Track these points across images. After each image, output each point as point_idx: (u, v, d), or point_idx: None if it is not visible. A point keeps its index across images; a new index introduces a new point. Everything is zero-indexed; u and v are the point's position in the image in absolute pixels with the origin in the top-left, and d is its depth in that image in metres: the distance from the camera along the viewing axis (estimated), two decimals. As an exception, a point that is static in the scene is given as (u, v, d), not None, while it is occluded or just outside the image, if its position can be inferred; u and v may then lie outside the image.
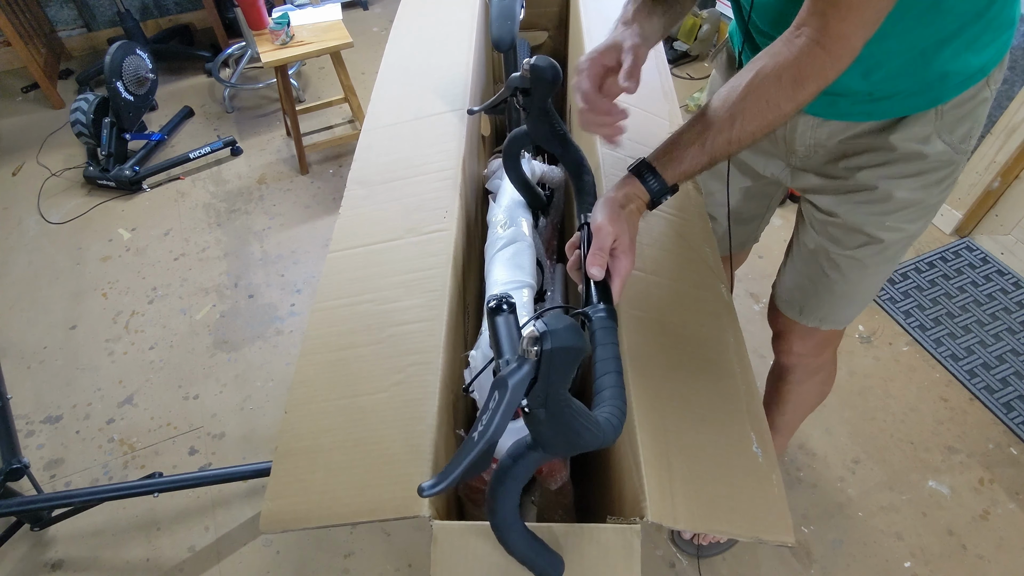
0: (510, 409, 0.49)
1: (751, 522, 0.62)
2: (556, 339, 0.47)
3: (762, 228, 1.29)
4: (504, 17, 1.23)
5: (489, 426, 0.49)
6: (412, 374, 0.72)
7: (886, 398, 1.81)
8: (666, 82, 1.25)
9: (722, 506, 0.63)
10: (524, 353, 0.48)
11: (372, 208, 0.96)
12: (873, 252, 0.95)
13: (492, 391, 0.50)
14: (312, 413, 0.71)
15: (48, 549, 1.60)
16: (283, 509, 0.63)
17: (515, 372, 0.48)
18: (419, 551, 1.55)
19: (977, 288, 2.04)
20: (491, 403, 0.49)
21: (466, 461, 0.49)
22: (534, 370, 0.48)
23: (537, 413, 0.50)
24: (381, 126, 1.13)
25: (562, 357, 0.48)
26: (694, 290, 0.87)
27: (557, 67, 0.82)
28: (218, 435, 1.82)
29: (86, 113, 2.57)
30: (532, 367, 0.48)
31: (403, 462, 0.64)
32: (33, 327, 2.15)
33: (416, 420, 0.67)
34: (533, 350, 0.47)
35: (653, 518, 0.60)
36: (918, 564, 1.50)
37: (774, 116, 0.69)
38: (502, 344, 0.57)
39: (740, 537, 0.61)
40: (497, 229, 1.03)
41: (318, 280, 2.22)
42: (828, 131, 0.90)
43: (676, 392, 0.74)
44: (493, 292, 0.92)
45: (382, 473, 0.64)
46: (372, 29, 3.63)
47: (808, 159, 0.96)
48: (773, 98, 0.67)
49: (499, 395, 0.49)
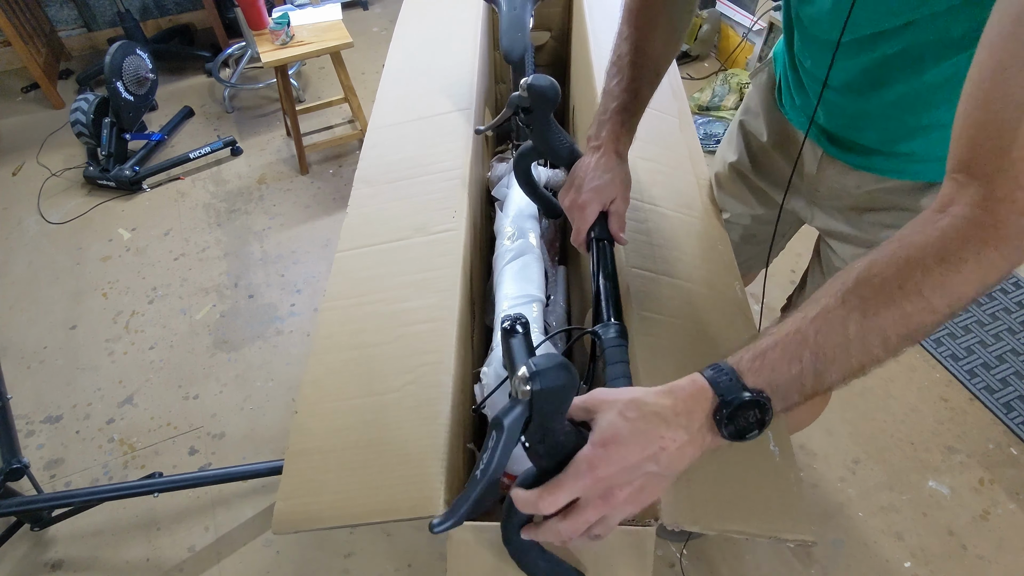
0: (508, 448, 0.50)
1: (769, 521, 0.62)
2: (545, 380, 0.48)
3: (774, 255, 1.28)
4: (515, 28, 1.21)
5: (489, 465, 0.50)
6: (424, 374, 0.72)
7: (886, 398, 1.82)
8: (675, 80, 1.25)
9: (739, 506, 0.63)
10: (517, 393, 0.49)
11: (379, 207, 0.96)
12: None
13: (490, 431, 0.51)
14: (324, 413, 0.71)
15: (48, 549, 1.60)
16: (296, 509, 0.63)
17: (509, 412, 0.50)
18: (419, 551, 1.55)
19: (976, 289, 2.05)
20: (490, 442, 0.51)
21: (471, 498, 0.51)
22: (528, 409, 0.49)
23: (536, 449, 0.51)
24: (386, 125, 1.13)
25: (552, 396, 0.49)
26: (707, 289, 0.87)
27: (556, 86, 0.81)
28: (218, 435, 1.81)
29: (86, 113, 2.57)
30: (526, 407, 0.49)
31: (417, 462, 0.64)
32: (33, 327, 2.14)
33: (429, 420, 0.67)
34: (525, 389, 0.48)
35: (668, 519, 0.60)
36: (918, 564, 1.50)
37: (914, 308, 0.48)
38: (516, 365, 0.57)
39: (759, 537, 0.61)
40: (505, 241, 1.03)
41: (318, 280, 2.23)
42: (857, 180, 0.88)
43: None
44: (503, 307, 0.93)
45: (396, 473, 0.64)
46: (372, 29, 3.63)
47: (830, 200, 0.95)
48: (910, 282, 0.48)
49: (496, 435, 0.50)
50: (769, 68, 1.01)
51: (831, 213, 0.96)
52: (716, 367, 0.52)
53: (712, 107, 2.82)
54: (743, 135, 1.08)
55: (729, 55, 3.07)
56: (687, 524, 0.61)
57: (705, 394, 0.51)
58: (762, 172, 1.07)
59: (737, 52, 3.02)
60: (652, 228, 0.94)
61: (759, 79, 1.04)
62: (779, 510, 0.63)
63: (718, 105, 2.81)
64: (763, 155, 1.05)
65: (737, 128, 1.10)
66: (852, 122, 0.83)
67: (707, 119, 2.79)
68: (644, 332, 0.79)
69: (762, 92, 1.03)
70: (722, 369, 0.51)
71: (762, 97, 1.03)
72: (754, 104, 1.06)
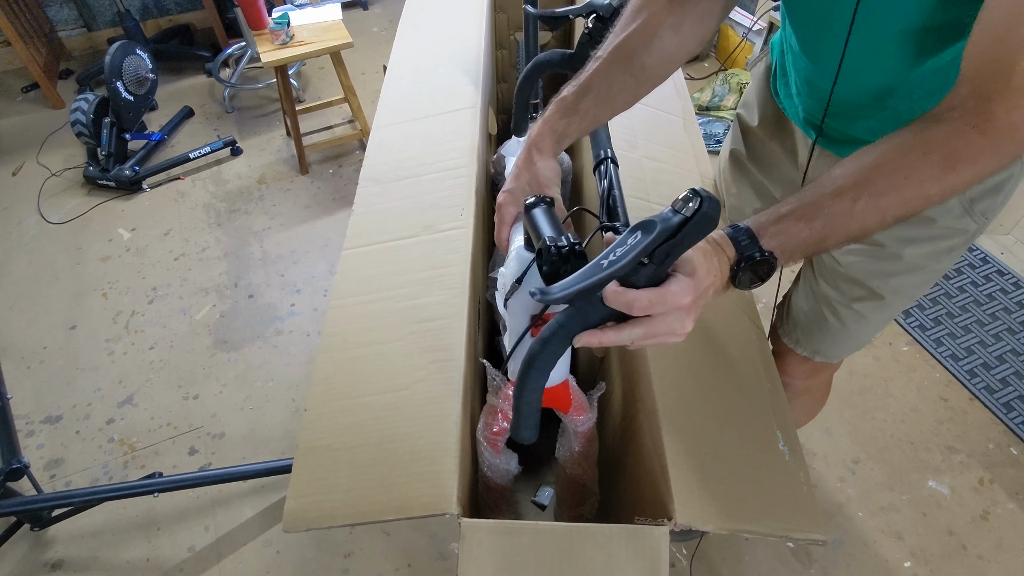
0: (645, 250, 0.51)
1: (780, 521, 0.62)
2: (709, 205, 0.50)
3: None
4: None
5: (622, 258, 0.51)
6: (434, 371, 0.71)
7: (886, 398, 1.82)
8: (678, 80, 1.25)
9: (750, 505, 0.63)
10: (678, 207, 0.51)
11: (386, 205, 0.96)
12: (873, 307, 0.96)
13: (633, 230, 0.53)
14: (333, 411, 0.70)
15: (48, 549, 1.60)
16: (307, 507, 0.63)
17: (668, 219, 0.51)
18: (419, 551, 1.55)
19: (977, 288, 2.06)
20: (630, 239, 0.52)
21: (589, 281, 0.52)
22: (681, 224, 0.50)
23: (645, 270, 0.53)
24: (391, 123, 1.12)
25: (705, 222, 0.51)
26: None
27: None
28: (218, 435, 1.81)
29: (86, 113, 2.56)
30: (682, 221, 0.50)
31: (429, 459, 0.64)
32: (33, 327, 2.13)
33: (441, 417, 0.67)
34: (690, 206, 0.50)
35: (681, 519, 0.60)
36: (918, 564, 1.51)
37: (914, 195, 0.57)
38: (541, 229, 0.61)
39: (770, 536, 0.61)
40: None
41: (318, 280, 2.23)
42: None
43: (700, 392, 0.74)
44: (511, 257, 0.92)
45: (408, 471, 0.64)
46: (372, 29, 3.63)
47: None
48: (915, 173, 0.56)
49: (642, 235, 0.51)
50: (767, 57, 1.02)
51: None
52: (735, 227, 0.60)
53: (712, 107, 2.83)
54: (741, 126, 1.10)
55: (729, 55, 3.08)
56: (697, 524, 0.61)
57: (731, 248, 0.60)
58: (758, 161, 1.08)
59: (737, 52, 3.03)
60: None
61: (757, 69, 1.05)
62: (789, 510, 0.63)
63: (718, 105, 2.82)
64: (758, 143, 1.07)
65: (736, 120, 1.12)
66: (844, 111, 0.83)
67: (707, 119, 2.79)
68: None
69: (759, 81, 1.04)
70: (741, 228, 0.60)
71: (758, 86, 1.04)
72: (751, 96, 1.07)
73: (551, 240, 0.63)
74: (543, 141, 0.80)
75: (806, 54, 0.83)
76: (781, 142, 1.01)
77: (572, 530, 0.62)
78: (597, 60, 0.80)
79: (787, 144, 1.00)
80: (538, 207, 0.68)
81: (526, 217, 0.69)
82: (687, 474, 0.64)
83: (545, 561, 0.60)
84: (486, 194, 1.09)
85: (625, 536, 0.61)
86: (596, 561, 0.60)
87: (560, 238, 0.63)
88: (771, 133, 1.02)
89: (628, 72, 0.79)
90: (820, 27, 0.79)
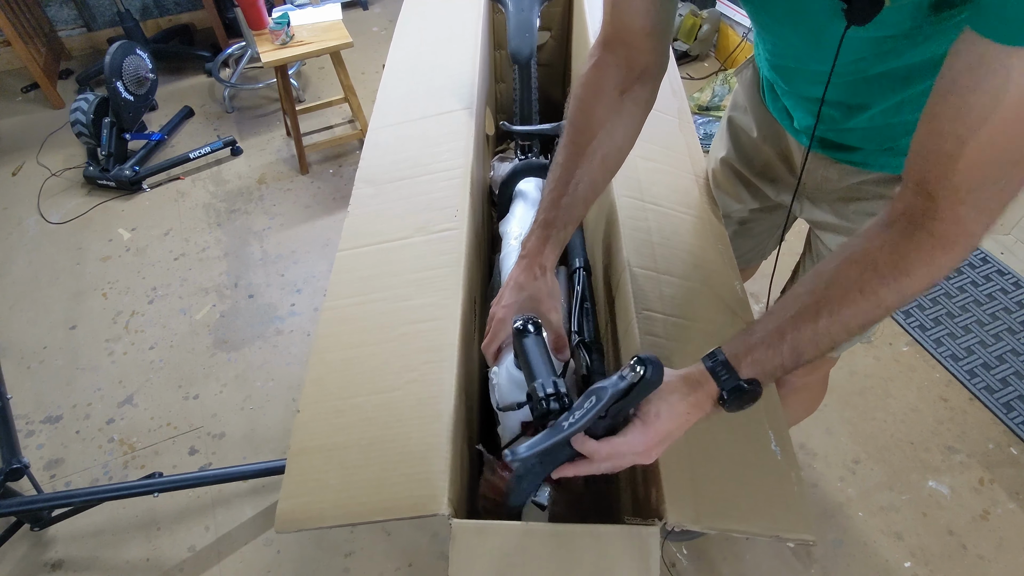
0: (598, 412, 0.58)
1: (771, 521, 0.62)
2: (653, 372, 0.56)
3: (770, 248, 1.28)
4: (523, 30, 1.23)
5: (580, 420, 0.58)
6: (426, 372, 0.72)
7: (886, 398, 1.82)
8: (674, 80, 1.25)
9: (741, 505, 0.63)
10: (625, 374, 0.58)
11: (381, 206, 0.96)
12: None
13: (588, 395, 0.60)
14: (326, 411, 0.71)
15: (48, 549, 1.60)
16: (298, 508, 0.63)
17: (616, 384, 0.58)
18: (420, 551, 1.55)
19: (977, 288, 2.05)
20: (586, 403, 0.59)
21: (552, 440, 0.58)
22: (628, 389, 0.57)
23: (605, 422, 0.60)
24: (388, 125, 1.12)
25: (649, 386, 0.57)
26: (707, 288, 0.87)
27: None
28: (218, 435, 1.81)
29: (86, 113, 2.56)
30: (628, 386, 0.57)
31: (420, 460, 0.64)
32: (33, 327, 2.14)
33: (432, 418, 0.67)
34: (636, 372, 0.56)
35: (672, 519, 0.60)
36: (918, 564, 1.51)
37: (870, 306, 0.58)
38: (533, 365, 0.68)
39: (760, 536, 0.61)
40: (512, 241, 1.03)
41: (318, 280, 2.23)
42: (839, 172, 0.89)
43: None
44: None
45: (399, 471, 0.64)
46: (372, 29, 3.63)
47: (817, 192, 0.95)
48: (868, 287, 0.58)
49: (595, 400, 0.58)
50: (753, 64, 1.02)
51: (818, 205, 0.97)
52: (714, 357, 0.63)
53: (712, 107, 2.82)
54: (732, 131, 1.09)
55: (729, 55, 3.07)
56: (689, 523, 0.61)
57: (711, 384, 0.62)
58: (752, 166, 1.07)
59: (737, 52, 3.03)
60: (652, 227, 0.95)
61: (744, 75, 1.04)
62: (781, 510, 0.63)
63: (718, 105, 2.81)
64: (753, 149, 1.06)
65: (727, 124, 1.11)
66: (836, 126, 0.83)
67: (707, 119, 2.79)
68: (645, 331, 0.79)
69: (747, 87, 1.04)
70: (719, 360, 0.62)
71: (747, 92, 1.04)
72: (741, 99, 1.06)
73: (540, 388, 0.68)
74: (544, 257, 0.80)
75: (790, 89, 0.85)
76: (774, 146, 1.01)
77: (562, 530, 0.62)
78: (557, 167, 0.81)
79: (780, 148, 0.99)
80: (527, 336, 0.72)
81: (516, 342, 0.73)
82: (678, 474, 0.64)
83: (536, 561, 0.60)
84: (481, 196, 1.09)
85: (616, 536, 0.61)
86: (587, 561, 0.60)
87: (549, 384, 0.68)
88: (764, 138, 1.02)
89: (592, 166, 0.81)
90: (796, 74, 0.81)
